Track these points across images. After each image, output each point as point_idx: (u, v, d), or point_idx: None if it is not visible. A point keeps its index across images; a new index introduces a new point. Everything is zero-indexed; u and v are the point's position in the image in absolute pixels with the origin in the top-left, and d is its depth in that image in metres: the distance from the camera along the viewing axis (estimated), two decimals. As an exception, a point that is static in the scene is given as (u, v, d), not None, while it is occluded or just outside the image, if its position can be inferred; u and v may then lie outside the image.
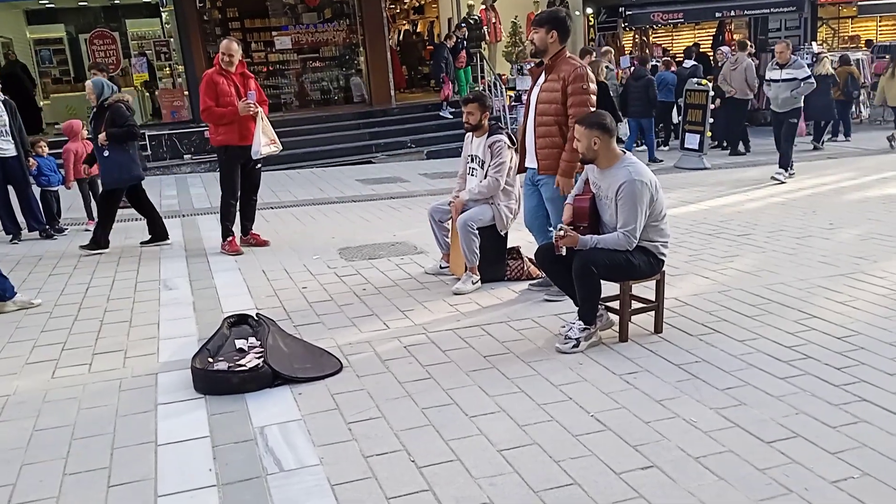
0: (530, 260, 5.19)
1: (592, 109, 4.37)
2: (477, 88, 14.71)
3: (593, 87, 4.52)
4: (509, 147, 5.16)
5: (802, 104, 9.33)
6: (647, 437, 3.05)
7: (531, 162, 4.79)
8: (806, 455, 2.86)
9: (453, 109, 14.23)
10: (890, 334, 4.04)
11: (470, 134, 5.38)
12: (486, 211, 5.16)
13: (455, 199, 5.28)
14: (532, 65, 5.03)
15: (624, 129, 11.46)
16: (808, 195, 8.27)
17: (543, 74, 4.63)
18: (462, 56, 15.21)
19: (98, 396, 3.65)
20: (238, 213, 6.67)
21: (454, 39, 15.05)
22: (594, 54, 10.20)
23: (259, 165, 6.60)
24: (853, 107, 14.12)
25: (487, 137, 5.19)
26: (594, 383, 3.58)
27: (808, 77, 9.02)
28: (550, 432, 3.12)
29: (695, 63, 13.46)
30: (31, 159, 7.39)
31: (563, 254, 3.94)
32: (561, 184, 4.51)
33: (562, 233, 3.91)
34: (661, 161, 11.19)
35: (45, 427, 3.36)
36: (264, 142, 6.26)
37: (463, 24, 16.21)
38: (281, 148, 6.54)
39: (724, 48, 14.12)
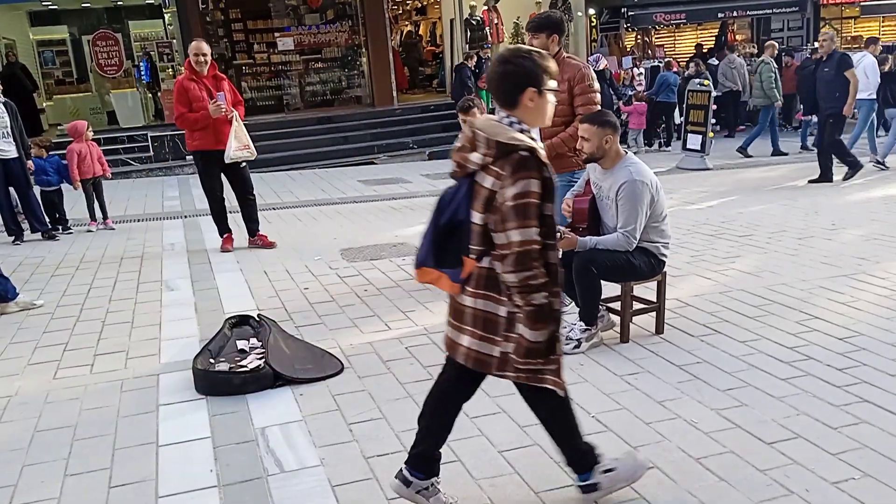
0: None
1: (599, 107, 4.43)
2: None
3: (596, 85, 4.57)
4: None
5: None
6: (648, 437, 3.05)
7: None
8: (807, 456, 2.86)
9: None
10: (892, 335, 4.03)
11: None
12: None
13: None
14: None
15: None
16: (810, 195, 8.26)
17: None
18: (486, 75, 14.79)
19: (99, 397, 3.66)
20: (240, 215, 6.68)
21: (474, 59, 14.32)
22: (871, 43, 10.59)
23: (243, 165, 6.50)
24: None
25: None
26: (595, 384, 3.58)
27: None
28: (551, 433, 3.11)
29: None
30: (28, 161, 7.40)
31: (560, 256, 3.93)
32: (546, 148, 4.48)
33: (559, 235, 3.90)
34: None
35: (46, 427, 3.36)
36: (235, 146, 6.22)
37: (488, 46, 15.76)
38: (255, 154, 6.46)
39: None
